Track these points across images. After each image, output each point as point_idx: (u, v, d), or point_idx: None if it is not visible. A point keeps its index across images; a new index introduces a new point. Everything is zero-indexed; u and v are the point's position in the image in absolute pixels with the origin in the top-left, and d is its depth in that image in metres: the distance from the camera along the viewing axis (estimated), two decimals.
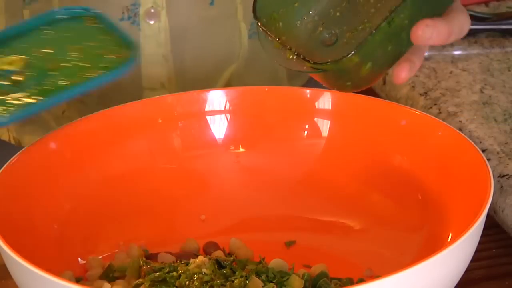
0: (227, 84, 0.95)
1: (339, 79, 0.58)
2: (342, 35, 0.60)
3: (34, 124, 0.93)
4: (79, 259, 0.71)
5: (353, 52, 0.55)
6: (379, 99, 0.77)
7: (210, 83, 0.95)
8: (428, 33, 0.56)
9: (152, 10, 0.89)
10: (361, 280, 0.68)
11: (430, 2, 0.57)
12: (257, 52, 0.97)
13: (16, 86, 0.69)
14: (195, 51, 0.94)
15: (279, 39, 0.58)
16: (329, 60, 0.56)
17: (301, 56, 0.58)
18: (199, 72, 0.94)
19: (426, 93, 0.91)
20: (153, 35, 0.91)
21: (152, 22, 0.90)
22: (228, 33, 0.94)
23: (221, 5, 0.92)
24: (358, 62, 0.56)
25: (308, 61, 0.57)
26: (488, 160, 0.76)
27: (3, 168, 0.67)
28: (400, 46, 0.58)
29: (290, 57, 0.58)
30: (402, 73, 0.58)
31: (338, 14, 0.61)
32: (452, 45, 1.01)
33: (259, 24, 0.59)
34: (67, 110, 0.94)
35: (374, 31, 0.55)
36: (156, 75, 0.94)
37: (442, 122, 0.73)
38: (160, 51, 0.92)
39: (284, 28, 0.60)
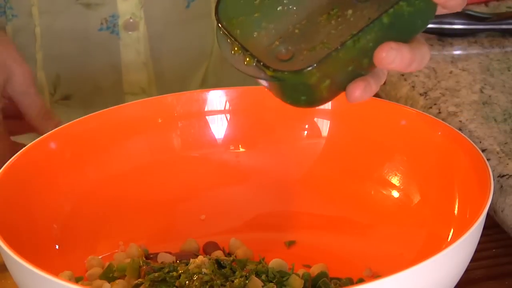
0: (203, 81, 0.96)
1: (295, 92, 0.57)
2: (299, 52, 0.58)
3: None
4: (79, 259, 0.71)
5: (315, 65, 0.54)
6: (379, 99, 0.77)
7: (187, 82, 0.95)
8: (392, 56, 0.54)
9: (131, 20, 0.90)
10: (361, 280, 0.68)
11: (398, 28, 0.56)
12: None
13: None
14: (172, 53, 0.95)
15: (239, 43, 0.57)
16: (289, 70, 0.55)
17: (262, 63, 0.56)
18: (176, 72, 0.95)
19: (426, 93, 0.91)
20: (132, 44, 0.92)
21: (131, 32, 0.91)
22: (202, 31, 0.95)
23: (196, 7, 0.93)
24: (318, 78, 0.55)
25: (268, 69, 0.56)
26: (488, 160, 0.76)
27: (3, 168, 0.67)
28: (360, 68, 0.56)
29: (249, 63, 0.57)
30: (356, 91, 0.56)
31: (297, 31, 0.59)
32: (452, 45, 1.01)
33: (220, 26, 0.58)
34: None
35: (339, 47, 0.54)
36: (137, 80, 0.94)
37: (442, 122, 0.72)
38: (140, 59, 0.93)
39: (242, 35, 0.58)
